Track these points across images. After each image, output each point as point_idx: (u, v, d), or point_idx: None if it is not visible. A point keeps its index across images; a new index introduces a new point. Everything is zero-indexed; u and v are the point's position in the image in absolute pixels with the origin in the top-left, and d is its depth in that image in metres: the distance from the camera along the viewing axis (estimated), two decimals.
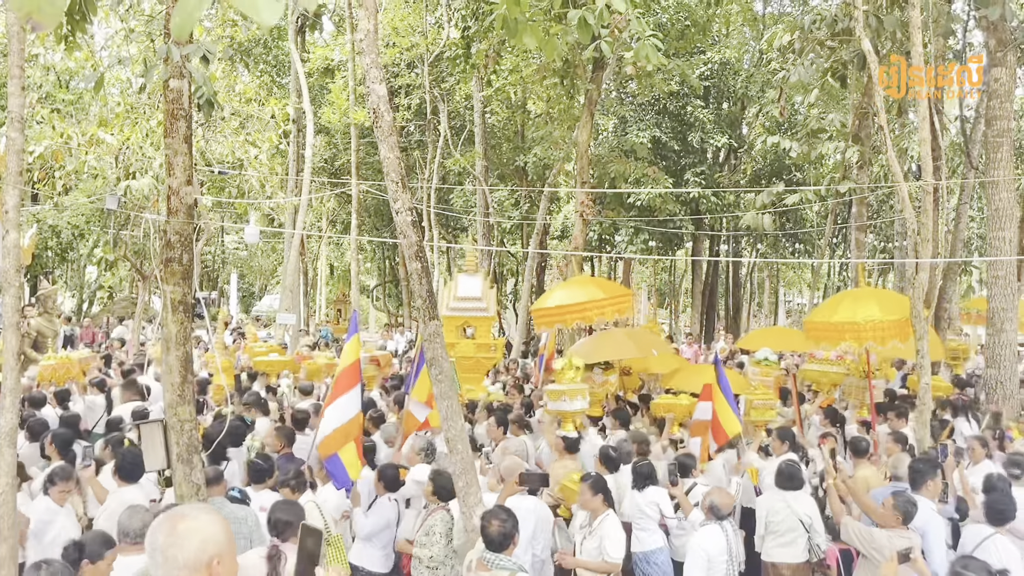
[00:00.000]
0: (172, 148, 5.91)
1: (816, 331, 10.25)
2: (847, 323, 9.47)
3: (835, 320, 9.74)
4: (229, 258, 43.74)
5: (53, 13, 1.11)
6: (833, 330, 9.69)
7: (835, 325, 9.67)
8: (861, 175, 18.77)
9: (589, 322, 11.87)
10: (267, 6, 1.06)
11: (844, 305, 10.10)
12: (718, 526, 6.06)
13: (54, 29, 6.50)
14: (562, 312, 11.73)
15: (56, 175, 18.66)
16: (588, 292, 12.01)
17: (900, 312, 9.41)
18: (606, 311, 11.59)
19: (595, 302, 11.66)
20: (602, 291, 12.19)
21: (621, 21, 10.50)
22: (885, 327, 9.23)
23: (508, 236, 35.05)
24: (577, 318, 11.75)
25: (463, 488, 5.91)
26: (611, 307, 11.66)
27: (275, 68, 29.47)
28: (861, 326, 9.27)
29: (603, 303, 11.65)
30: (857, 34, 10.58)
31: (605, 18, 6.42)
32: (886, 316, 9.29)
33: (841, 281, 33.14)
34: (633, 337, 11.74)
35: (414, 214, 6.23)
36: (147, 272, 19.20)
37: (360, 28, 6.36)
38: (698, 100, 24.91)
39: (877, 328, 9.22)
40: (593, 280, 13.60)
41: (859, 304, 9.76)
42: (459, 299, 13.42)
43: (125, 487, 6.30)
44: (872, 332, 9.23)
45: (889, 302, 9.97)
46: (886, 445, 8.55)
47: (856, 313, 9.49)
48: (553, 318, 11.97)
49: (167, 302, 5.88)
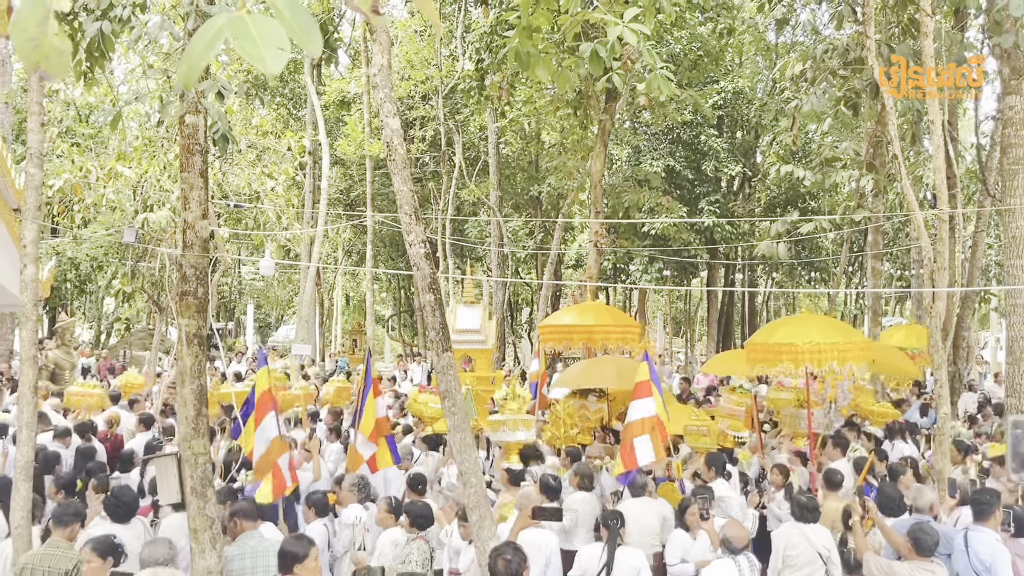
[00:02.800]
0: (188, 182, 5.96)
1: (755, 353, 10.09)
2: (785, 344, 9.36)
3: (772, 341, 9.64)
4: (246, 289, 43.94)
5: (61, 63, 1.13)
6: (771, 351, 9.58)
7: (772, 346, 9.56)
8: (876, 203, 18.69)
9: (594, 345, 11.83)
10: (272, 56, 1.07)
11: (785, 328, 10.03)
12: (731, 560, 5.96)
13: (75, 65, 6.61)
14: (569, 332, 11.74)
15: (75, 208, 18.84)
16: (597, 317, 12.04)
17: (842, 336, 9.34)
18: (611, 338, 11.59)
19: (602, 326, 11.69)
20: (611, 318, 12.20)
21: (633, 53, 10.57)
22: (823, 349, 9.08)
23: (522, 266, 35.10)
24: (583, 339, 11.75)
25: (476, 521, 5.87)
26: (617, 335, 11.66)
27: (291, 101, 29.79)
28: (799, 347, 9.14)
29: (609, 328, 11.67)
30: (869, 63, 10.60)
31: (617, 50, 6.46)
32: (826, 339, 9.17)
33: (858, 309, 32.90)
34: (620, 367, 11.57)
35: (427, 246, 6.25)
36: (164, 304, 19.32)
37: (374, 63, 6.42)
38: (712, 129, 24.96)
39: (815, 350, 9.08)
40: (605, 307, 13.62)
41: (800, 327, 9.69)
42: (458, 331, 13.53)
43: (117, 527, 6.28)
44: (810, 354, 9.11)
45: (831, 327, 9.89)
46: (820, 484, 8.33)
47: (795, 335, 9.40)
48: (560, 336, 11.96)
49: (182, 335, 5.90)
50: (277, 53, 1.08)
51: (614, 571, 6.11)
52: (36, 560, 5.32)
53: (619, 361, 11.42)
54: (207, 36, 1.10)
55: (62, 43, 1.14)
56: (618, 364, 11.16)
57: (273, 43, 1.08)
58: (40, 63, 1.11)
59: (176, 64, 14.01)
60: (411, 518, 6.53)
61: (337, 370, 26.76)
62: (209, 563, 5.53)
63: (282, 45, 1.08)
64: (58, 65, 1.12)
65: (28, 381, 6.42)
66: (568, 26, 6.94)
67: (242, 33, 1.08)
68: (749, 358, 10.28)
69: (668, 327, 41.58)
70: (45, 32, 1.11)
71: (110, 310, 33.64)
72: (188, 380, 5.86)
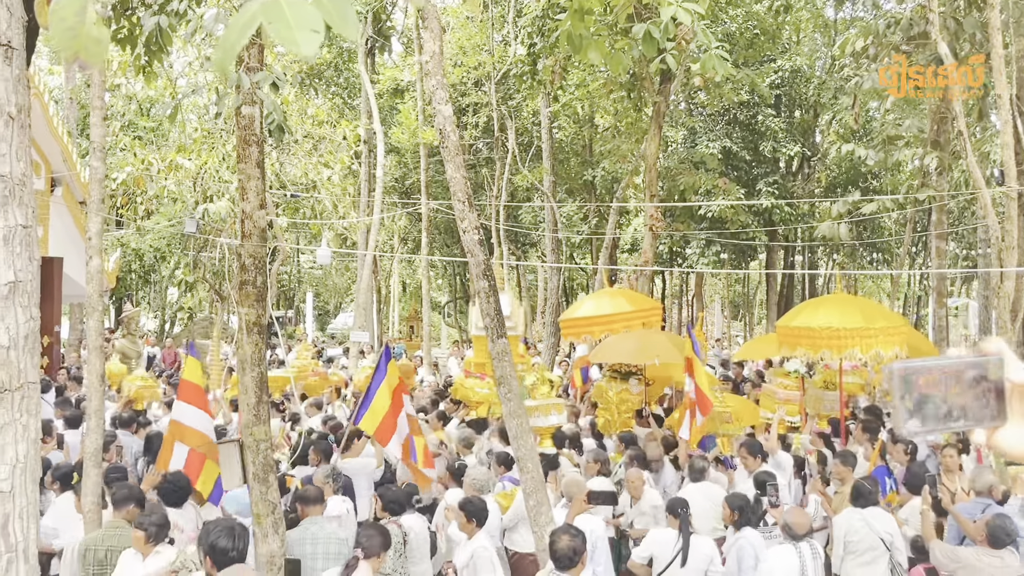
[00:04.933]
0: (245, 173, 6.02)
1: (782, 336, 9.89)
2: (803, 328, 9.13)
3: (794, 325, 9.40)
4: (304, 277, 44.55)
5: (98, 52, 1.13)
6: (792, 335, 9.36)
7: (793, 330, 9.33)
8: (941, 182, 18.21)
9: (616, 334, 11.73)
10: (306, 39, 1.06)
11: (807, 310, 9.77)
12: (792, 546, 5.86)
13: (134, 59, 6.73)
14: (590, 323, 11.65)
15: (138, 200, 19.27)
16: (616, 304, 11.93)
17: (865, 321, 8.98)
18: (633, 323, 11.47)
19: (623, 314, 11.59)
20: (630, 303, 12.10)
21: (687, 33, 10.41)
22: (842, 335, 8.81)
23: (577, 251, 34.96)
24: (604, 329, 11.65)
25: (534, 507, 5.87)
26: (639, 319, 11.55)
27: (346, 90, 30.00)
28: (816, 332, 8.90)
29: (631, 315, 11.57)
30: (933, 37, 10.30)
31: (671, 31, 6.36)
32: (844, 324, 8.87)
33: (922, 290, 32.13)
34: (649, 341, 11.26)
35: (481, 232, 6.24)
36: (225, 293, 19.68)
37: (426, 50, 6.42)
38: (769, 109, 24.53)
39: (833, 336, 8.82)
40: (622, 292, 13.51)
41: (820, 310, 9.41)
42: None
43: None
44: (828, 340, 8.85)
45: (852, 310, 9.43)
46: (834, 467, 8.09)
47: (814, 319, 9.13)
48: (581, 329, 11.89)
49: (242, 324, 5.98)
50: (311, 36, 1.07)
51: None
52: (98, 541, 5.48)
53: (647, 335, 11.24)
54: (242, 21, 1.10)
55: (100, 32, 1.14)
56: (647, 338, 11.00)
57: (307, 26, 1.07)
58: (78, 52, 1.11)
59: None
60: (383, 503, 6.54)
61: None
62: (272, 547, 5.62)
63: (316, 28, 1.07)
64: (95, 54, 1.13)
65: (95, 370, 6.59)
66: (620, 7, 6.86)
67: (277, 16, 1.07)
68: (780, 341, 10.13)
69: (726, 311, 41.12)
70: (83, 22, 1.12)
71: (173, 299, 34.38)
72: (248, 368, 5.95)
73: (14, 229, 2.34)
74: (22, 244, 2.37)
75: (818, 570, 5.86)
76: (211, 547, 4.57)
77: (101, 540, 5.48)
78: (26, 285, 2.38)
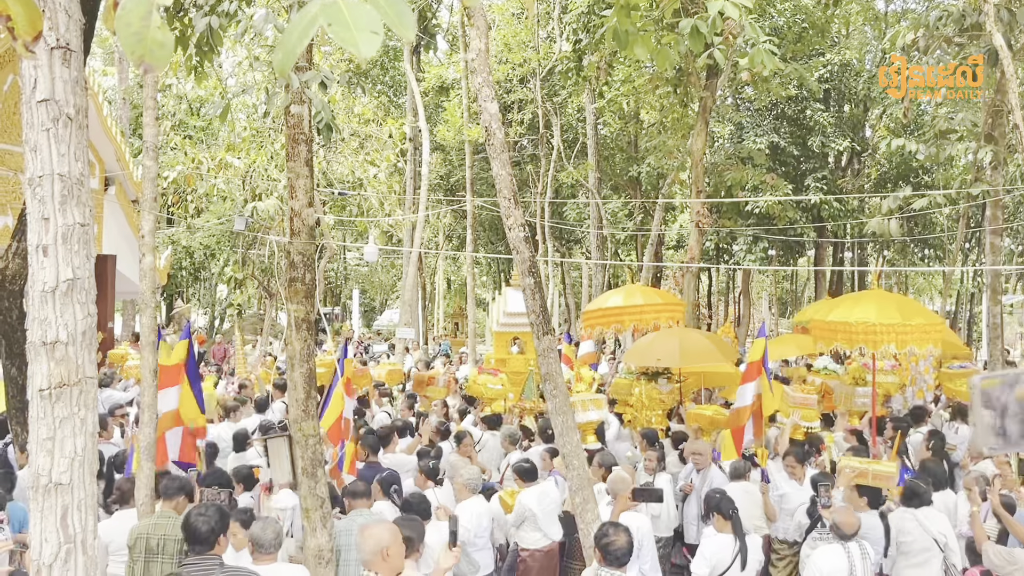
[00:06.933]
0: (294, 171, 6.10)
1: (817, 331, 9.68)
2: (839, 323, 8.92)
3: (829, 319, 9.20)
4: (351, 274, 44.97)
5: (163, 55, 1.16)
6: (827, 329, 9.16)
7: (828, 324, 9.14)
8: (995, 176, 17.79)
9: (645, 325, 11.67)
10: (365, 41, 1.08)
11: (843, 305, 9.56)
12: (840, 545, 5.77)
13: (186, 60, 6.85)
14: (620, 313, 11.58)
15: (189, 198, 19.61)
16: (646, 296, 11.95)
17: (902, 317, 8.76)
18: (661, 317, 11.43)
19: (652, 306, 11.59)
20: (658, 297, 12.22)
21: (735, 27, 10.30)
22: (878, 330, 8.59)
23: (622, 248, 34.81)
24: (634, 320, 11.59)
25: (580, 504, 5.87)
26: (666, 313, 11.51)
27: (392, 88, 30.21)
28: (852, 327, 8.69)
29: (659, 307, 11.55)
30: (988, 29, 10.07)
31: (718, 26, 6.31)
32: (881, 320, 8.68)
33: (975, 287, 31.46)
34: (684, 341, 11.17)
35: (526, 229, 6.24)
36: (273, 290, 19.94)
37: (472, 47, 6.44)
38: (817, 103, 24.20)
39: (869, 331, 8.60)
40: (647, 288, 13.64)
41: (858, 305, 9.17)
42: (509, 315, 13.77)
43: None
44: (864, 335, 8.64)
45: (889, 306, 9.17)
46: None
47: (850, 314, 8.93)
48: (610, 319, 11.81)
49: (291, 320, 6.06)
50: (370, 37, 1.08)
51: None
52: (149, 529, 5.58)
53: (683, 334, 11.17)
54: (303, 23, 1.11)
55: (164, 36, 1.17)
56: (681, 338, 10.92)
57: (367, 27, 1.08)
58: (144, 56, 1.14)
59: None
60: (350, 497, 6.55)
61: (439, 352, 27.22)
62: (320, 541, 5.69)
63: (375, 29, 1.08)
64: (161, 58, 1.16)
65: (148, 365, 6.71)
66: (667, 2, 6.82)
67: (336, 18, 1.08)
68: (814, 336, 9.91)
69: (774, 308, 40.69)
70: (148, 26, 1.15)
71: (223, 296, 34.93)
72: (297, 364, 6.02)
73: (72, 227, 2.40)
74: (80, 242, 2.43)
75: (867, 570, 5.77)
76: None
77: (152, 528, 5.58)
78: (83, 282, 2.44)
